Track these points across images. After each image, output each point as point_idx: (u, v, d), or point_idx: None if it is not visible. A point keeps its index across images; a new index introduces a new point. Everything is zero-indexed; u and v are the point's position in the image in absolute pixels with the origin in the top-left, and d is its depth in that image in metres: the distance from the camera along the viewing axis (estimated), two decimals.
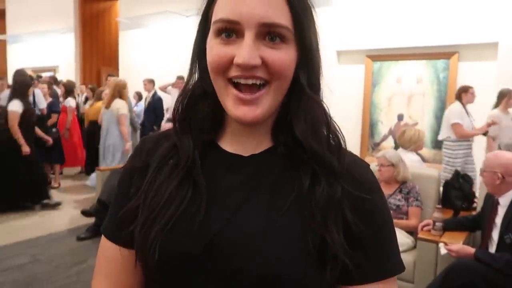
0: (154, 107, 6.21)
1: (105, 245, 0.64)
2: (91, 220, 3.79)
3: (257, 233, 0.53)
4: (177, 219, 0.54)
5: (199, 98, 0.60)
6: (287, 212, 0.54)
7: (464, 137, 4.00)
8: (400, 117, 5.20)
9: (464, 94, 4.07)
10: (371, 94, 5.38)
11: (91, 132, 5.45)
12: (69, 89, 5.82)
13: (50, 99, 5.55)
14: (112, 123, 4.51)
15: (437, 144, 4.92)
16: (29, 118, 4.39)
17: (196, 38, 0.60)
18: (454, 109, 4.07)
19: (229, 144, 0.61)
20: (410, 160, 3.05)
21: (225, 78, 0.53)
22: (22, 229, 3.89)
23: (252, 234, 0.53)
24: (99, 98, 5.57)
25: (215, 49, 0.53)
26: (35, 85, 5.33)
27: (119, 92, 4.55)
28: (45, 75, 7.71)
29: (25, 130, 4.30)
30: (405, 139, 3.30)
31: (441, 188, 2.90)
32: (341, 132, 0.60)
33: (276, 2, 0.51)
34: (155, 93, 6.32)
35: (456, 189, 2.84)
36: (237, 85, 0.53)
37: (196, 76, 0.61)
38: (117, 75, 7.32)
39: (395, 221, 2.55)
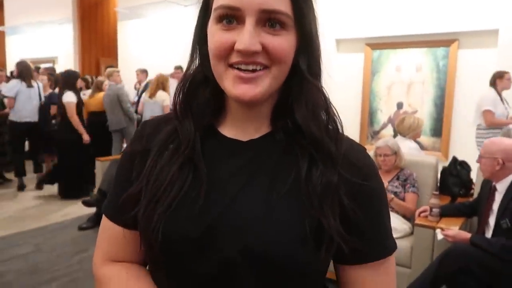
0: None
1: (106, 224, 0.66)
2: (92, 210, 3.82)
3: (255, 217, 0.54)
4: (178, 202, 0.56)
5: (200, 83, 0.61)
6: (285, 196, 0.55)
7: (494, 125, 3.84)
8: (400, 105, 5.19)
9: (499, 80, 3.89)
10: (370, 82, 5.36)
11: (94, 123, 5.45)
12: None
13: (50, 91, 5.54)
14: (157, 113, 4.82)
15: (436, 132, 4.93)
16: (81, 108, 4.81)
17: (196, 25, 0.61)
18: (487, 96, 3.89)
19: (228, 129, 0.62)
20: (408, 148, 3.06)
21: (226, 64, 0.54)
22: (25, 219, 3.93)
23: (251, 219, 0.54)
24: (100, 88, 5.57)
25: (216, 35, 0.54)
26: (36, 77, 5.33)
27: (162, 84, 5.09)
28: (44, 66, 7.69)
29: (80, 120, 4.71)
30: (404, 126, 3.31)
31: (439, 175, 2.92)
32: (340, 118, 0.61)
33: None
34: (147, 83, 6.33)
35: (454, 176, 2.86)
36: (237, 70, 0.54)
37: (196, 62, 0.62)
38: (116, 66, 7.31)
39: (395, 200, 2.57)
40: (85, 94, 6.71)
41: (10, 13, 10.32)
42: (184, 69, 0.65)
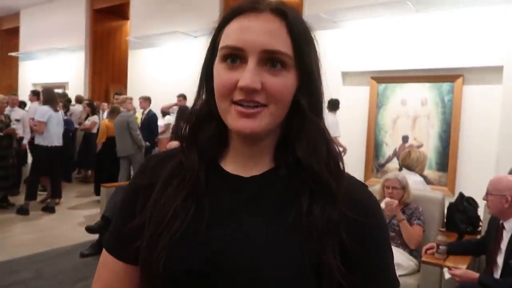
0: (149, 123, 6.31)
1: (106, 258, 0.67)
2: (95, 236, 3.80)
3: (256, 254, 0.55)
4: (181, 235, 0.57)
5: (205, 118, 0.63)
6: (286, 233, 0.56)
7: None
8: (405, 139, 5.21)
9: None
10: (376, 115, 5.40)
11: (111, 149, 5.53)
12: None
13: (65, 117, 5.70)
14: None
15: (442, 167, 4.91)
16: None
17: (204, 63, 0.65)
18: None
19: (230, 165, 0.63)
20: (414, 182, 3.05)
21: (230, 101, 0.57)
22: (27, 244, 3.90)
23: (251, 255, 0.55)
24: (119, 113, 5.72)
25: (221, 74, 0.57)
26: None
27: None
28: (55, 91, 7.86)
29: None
30: (411, 160, 3.31)
31: (446, 211, 2.89)
32: (341, 155, 0.62)
33: (278, 31, 0.56)
34: (150, 110, 6.44)
35: (461, 212, 2.83)
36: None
37: (203, 97, 0.65)
38: (125, 93, 7.44)
39: (404, 222, 2.56)
40: (89, 119, 6.84)
41: (25, 39, 10.64)
42: (187, 99, 0.68)
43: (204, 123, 0.63)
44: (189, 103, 6.34)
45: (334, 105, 5.12)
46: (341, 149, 0.73)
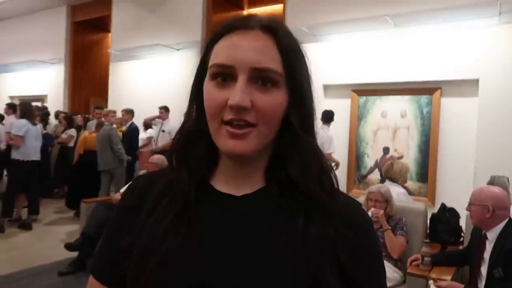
0: (130, 136, 6.25)
1: (93, 284, 0.64)
2: (74, 254, 3.68)
3: (247, 276, 0.53)
4: (171, 256, 0.55)
5: (196, 137, 0.62)
6: (280, 253, 0.54)
7: None
8: (386, 150, 5.28)
9: None
10: (357, 127, 5.48)
11: (87, 162, 5.41)
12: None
13: (44, 131, 5.58)
14: None
15: (422, 178, 5.00)
16: None
17: (193, 81, 0.63)
18: None
19: (221, 184, 0.61)
20: (397, 193, 3.09)
21: (220, 120, 0.56)
22: (1, 263, 3.75)
23: (243, 277, 0.53)
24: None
25: (211, 92, 0.56)
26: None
27: None
28: (33, 104, 7.68)
29: None
30: (395, 172, 3.35)
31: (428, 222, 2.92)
32: (334, 172, 0.61)
33: (268, 49, 0.55)
34: (132, 123, 6.39)
35: (443, 223, 2.87)
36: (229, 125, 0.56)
37: (193, 115, 0.63)
38: (106, 106, 7.33)
39: (388, 232, 2.58)
40: (66, 133, 6.69)
41: (2, 51, 10.40)
42: (169, 111, 0.66)
43: (194, 141, 0.62)
44: (171, 115, 6.36)
45: (328, 117, 5.05)
46: (333, 164, 0.72)
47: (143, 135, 6.56)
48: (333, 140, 5.04)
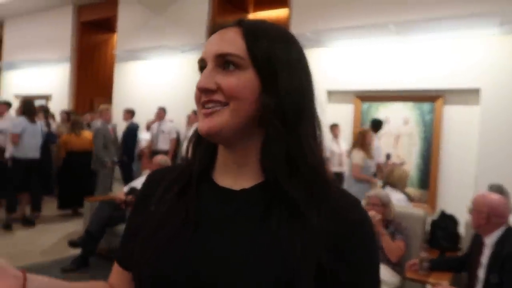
0: (127, 136, 6.30)
1: (114, 268, 0.73)
2: (77, 251, 3.73)
3: (233, 272, 0.55)
4: (167, 244, 0.60)
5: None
6: (265, 250, 0.56)
7: None
8: (388, 156, 5.32)
9: None
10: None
11: (72, 163, 5.52)
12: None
13: (45, 129, 5.61)
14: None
15: (423, 184, 5.03)
16: None
17: None
18: None
19: (221, 177, 0.64)
20: (397, 200, 3.12)
21: (200, 106, 0.61)
22: (5, 258, 3.79)
23: (229, 273, 0.55)
24: (81, 126, 5.72)
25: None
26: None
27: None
28: (36, 103, 7.75)
29: None
30: (394, 177, 3.38)
31: (428, 228, 2.96)
32: (323, 165, 0.61)
33: (231, 37, 0.60)
34: (131, 123, 6.43)
35: (442, 229, 2.91)
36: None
37: None
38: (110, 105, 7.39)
39: (385, 237, 2.59)
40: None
41: (9, 49, 10.49)
42: (166, 112, 0.69)
43: (201, 137, 0.66)
44: (176, 116, 6.40)
45: (375, 125, 4.95)
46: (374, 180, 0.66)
47: (146, 135, 6.61)
48: (380, 148, 4.89)
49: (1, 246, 4.19)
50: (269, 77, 0.59)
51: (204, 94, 0.60)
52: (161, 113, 6.25)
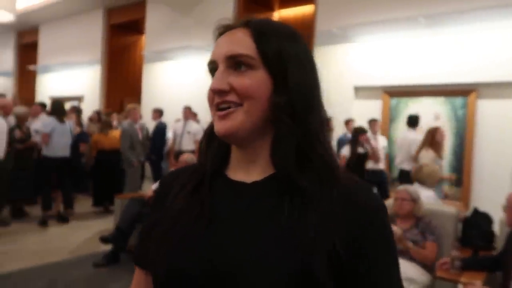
0: (156, 135, 6.40)
1: (136, 272, 0.73)
2: (108, 247, 3.84)
3: (248, 259, 0.56)
4: (180, 239, 0.60)
5: (214, 133, 0.68)
6: (279, 240, 0.56)
7: None
8: None
9: None
10: (388, 129, 5.40)
11: (103, 162, 5.68)
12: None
13: (79, 129, 5.82)
14: None
15: (456, 181, 4.86)
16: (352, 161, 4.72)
17: None
18: None
19: (234, 172, 0.66)
20: (426, 197, 3.03)
21: (214, 108, 0.62)
22: (40, 254, 3.96)
23: (244, 259, 0.56)
24: (110, 126, 5.87)
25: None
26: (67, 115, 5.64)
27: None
28: (69, 104, 8.06)
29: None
30: (423, 174, 3.29)
31: (460, 226, 2.86)
32: (332, 155, 0.62)
33: (240, 38, 0.61)
34: (159, 122, 6.52)
35: (475, 228, 2.80)
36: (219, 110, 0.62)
37: None
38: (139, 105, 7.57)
39: (413, 249, 2.51)
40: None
41: (43, 53, 10.93)
42: (191, 110, 0.70)
43: (214, 136, 0.67)
44: (202, 115, 6.45)
45: (412, 121, 4.87)
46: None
47: (171, 135, 6.72)
48: (412, 143, 4.75)
49: (38, 242, 4.37)
50: (280, 75, 0.60)
51: (217, 96, 0.61)
52: (187, 113, 6.14)
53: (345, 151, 4.89)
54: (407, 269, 2.43)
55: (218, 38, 0.65)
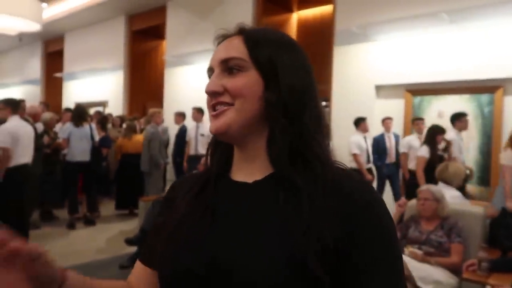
0: (179, 138, 6.47)
1: (136, 265, 0.77)
2: (134, 248, 3.91)
3: (247, 254, 0.58)
4: (185, 238, 0.63)
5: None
6: (276, 232, 0.58)
7: None
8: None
9: None
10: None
11: (127, 165, 5.82)
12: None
13: (102, 134, 5.96)
14: None
15: (483, 181, 4.73)
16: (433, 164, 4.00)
17: None
18: None
19: (236, 173, 0.69)
20: (451, 197, 2.96)
21: (210, 109, 0.67)
22: (68, 256, 4.07)
23: (244, 254, 0.58)
24: (134, 130, 5.96)
25: None
26: (90, 120, 5.79)
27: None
28: (93, 110, 8.27)
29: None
30: (449, 174, 3.21)
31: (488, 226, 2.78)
32: (328, 153, 0.64)
33: (233, 44, 0.66)
34: (182, 125, 6.58)
35: (504, 228, 2.72)
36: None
37: None
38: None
39: (436, 259, 2.46)
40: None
41: (69, 61, 11.25)
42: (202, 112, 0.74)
43: (220, 141, 0.71)
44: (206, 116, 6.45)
45: (454, 118, 4.53)
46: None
47: None
48: (460, 144, 4.50)
49: (66, 245, 4.51)
50: (271, 76, 0.63)
51: (213, 98, 0.65)
52: (195, 114, 5.98)
53: (424, 151, 4.39)
54: (434, 272, 2.39)
55: (217, 47, 0.70)
